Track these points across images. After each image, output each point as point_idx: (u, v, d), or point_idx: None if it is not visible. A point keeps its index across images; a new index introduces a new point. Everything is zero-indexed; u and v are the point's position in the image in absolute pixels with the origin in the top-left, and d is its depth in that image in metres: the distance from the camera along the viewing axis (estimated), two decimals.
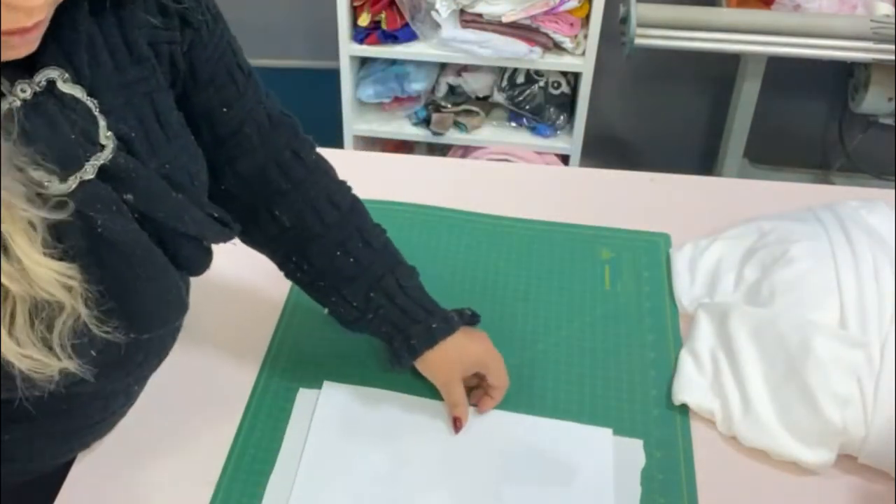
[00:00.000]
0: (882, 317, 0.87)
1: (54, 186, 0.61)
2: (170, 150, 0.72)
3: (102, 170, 0.64)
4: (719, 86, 2.35)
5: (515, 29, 2.00)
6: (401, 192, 1.18)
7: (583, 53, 2.04)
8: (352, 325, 0.91)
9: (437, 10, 1.97)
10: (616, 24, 1.95)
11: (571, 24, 2.01)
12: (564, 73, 2.17)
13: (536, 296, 1.03)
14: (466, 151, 2.28)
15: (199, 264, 0.77)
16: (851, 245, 0.94)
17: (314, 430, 0.87)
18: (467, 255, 1.09)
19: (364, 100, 2.23)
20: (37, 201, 0.60)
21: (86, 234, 0.64)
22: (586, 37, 2.01)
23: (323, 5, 2.15)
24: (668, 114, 2.46)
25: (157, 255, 0.70)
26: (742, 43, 1.87)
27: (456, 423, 0.87)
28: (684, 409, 0.89)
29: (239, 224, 0.79)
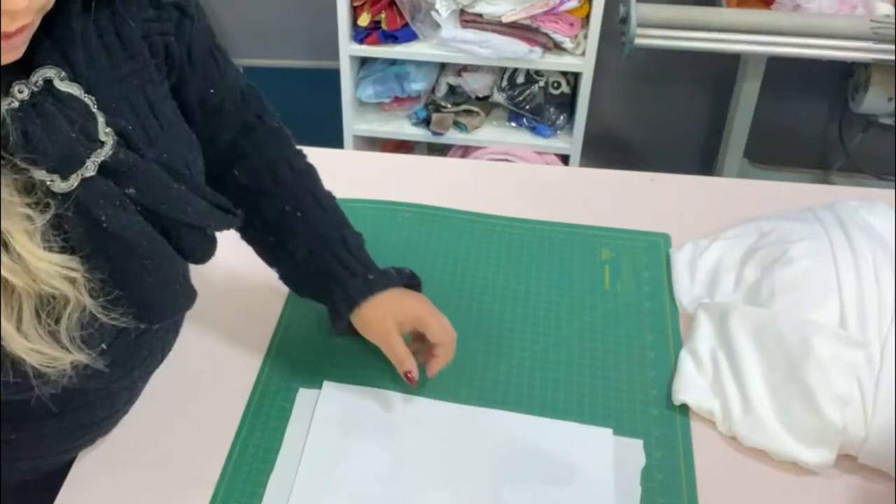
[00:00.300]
0: (882, 317, 0.87)
1: (57, 185, 0.62)
2: (165, 139, 0.72)
3: (103, 166, 0.65)
4: (719, 86, 2.35)
5: (515, 29, 2.00)
6: (401, 192, 1.18)
7: (583, 53, 2.04)
8: (297, 284, 0.92)
9: (437, 10, 1.97)
10: (616, 24, 1.95)
11: (571, 24, 2.01)
12: (564, 73, 2.17)
13: (536, 296, 1.03)
14: (466, 151, 2.28)
15: (203, 253, 0.78)
16: (851, 245, 0.94)
17: (314, 429, 0.87)
18: (467, 255, 1.09)
19: (364, 100, 2.23)
20: (40, 199, 0.60)
21: (91, 230, 0.64)
22: (586, 37, 2.01)
23: (323, 5, 2.15)
24: (668, 114, 2.46)
25: (162, 245, 0.71)
26: (742, 43, 1.87)
27: (408, 377, 0.86)
28: (684, 409, 0.89)
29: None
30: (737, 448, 0.87)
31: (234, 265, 1.00)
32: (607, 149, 2.51)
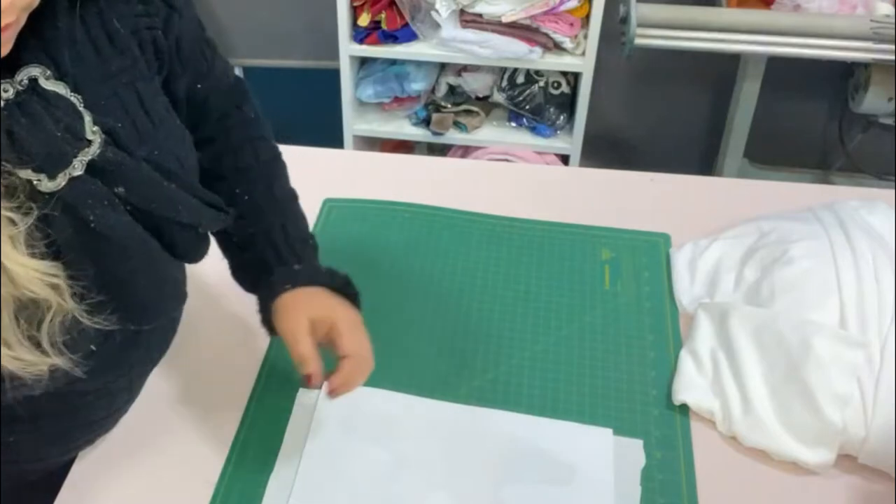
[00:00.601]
0: (882, 317, 0.87)
1: (44, 184, 0.61)
2: (157, 136, 0.71)
3: (91, 165, 0.64)
4: (719, 86, 2.35)
5: (515, 29, 2.00)
6: (401, 192, 1.18)
7: (583, 53, 2.04)
8: (239, 276, 0.87)
9: (437, 10, 1.97)
10: (616, 24, 1.95)
11: (571, 24, 2.01)
12: (564, 73, 2.17)
13: (536, 296, 1.03)
14: (466, 151, 2.28)
15: (195, 252, 0.77)
16: (851, 245, 0.94)
17: (314, 430, 0.87)
18: (467, 255, 1.09)
19: (364, 100, 2.23)
20: (23, 203, 0.59)
21: (79, 230, 0.64)
22: (586, 37, 2.01)
23: (323, 5, 2.15)
24: (668, 114, 2.46)
25: (152, 245, 0.70)
26: (742, 43, 1.87)
27: (309, 381, 0.78)
28: (684, 409, 0.89)
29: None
30: (737, 448, 0.87)
31: None
32: (607, 149, 2.51)
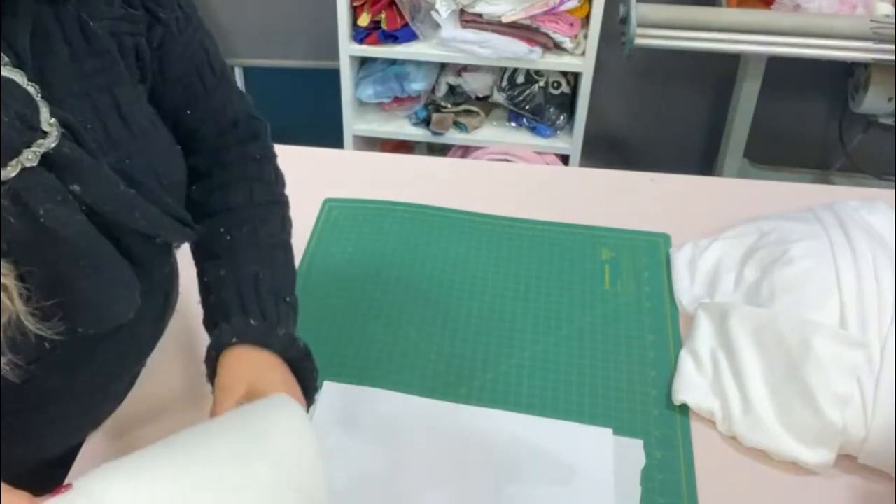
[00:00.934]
0: (882, 317, 0.87)
1: None
2: (133, 145, 0.70)
3: (46, 157, 0.63)
4: (719, 86, 2.35)
5: (515, 29, 2.00)
6: (401, 192, 1.18)
7: (583, 53, 2.04)
8: (204, 317, 0.81)
9: (437, 10, 1.97)
10: (616, 24, 1.95)
11: (571, 24, 2.01)
12: (564, 73, 2.17)
13: (536, 296, 1.03)
14: (466, 151, 2.28)
15: (153, 262, 0.75)
16: (851, 245, 0.94)
17: (314, 429, 0.87)
18: (467, 255, 1.09)
19: (364, 100, 2.23)
20: None
21: (28, 223, 0.62)
22: (586, 37, 2.01)
23: (323, 5, 2.15)
24: (668, 114, 2.46)
25: (104, 248, 0.68)
26: (742, 43, 1.87)
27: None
28: (684, 409, 0.89)
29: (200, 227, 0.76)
30: (737, 448, 0.87)
31: None
32: (607, 149, 2.51)
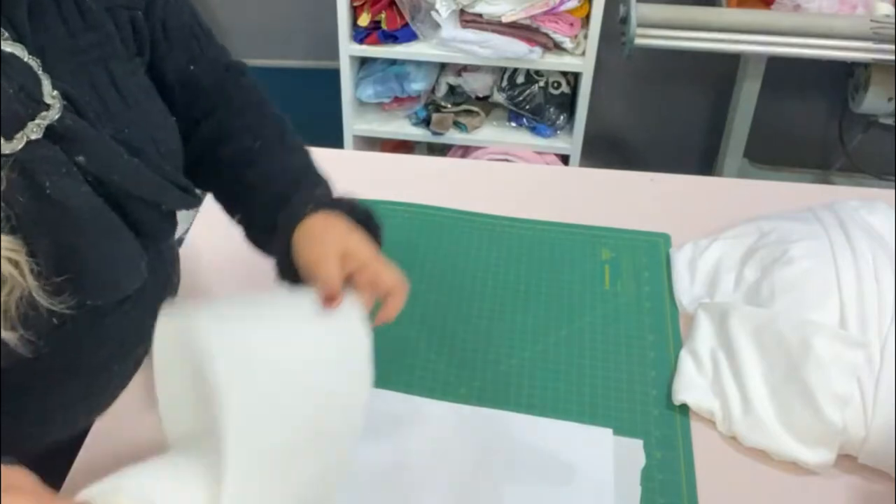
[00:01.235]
0: (882, 317, 0.87)
1: (1, 147, 0.61)
2: (129, 116, 0.71)
3: (50, 130, 0.64)
4: (719, 86, 2.35)
5: (515, 29, 2.00)
6: (401, 192, 1.18)
7: (583, 53, 2.04)
8: (254, 228, 0.81)
9: (437, 10, 1.97)
10: (616, 24, 1.95)
11: (571, 24, 2.01)
12: (564, 73, 2.17)
13: (536, 296, 1.03)
14: (466, 151, 2.28)
15: (158, 231, 0.76)
16: (851, 245, 0.94)
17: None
18: (467, 255, 1.09)
19: (364, 100, 2.23)
20: None
21: (34, 196, 0.63)
22: (586, 37, 2.01)
23: (323, 5, 2.15)
24: (668, 114, 2.46)
25: (110, 219, 0.69)
26: (742, 43, 1.87)
27: (328, 299, 0.69)
28: (684, 409, 0.89)
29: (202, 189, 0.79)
30: (737, 448, 0.87)
31: (234, 265, 1.00)
32: (607, 149, 2.52)
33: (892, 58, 1.81)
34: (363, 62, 2.25)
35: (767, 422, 0.85)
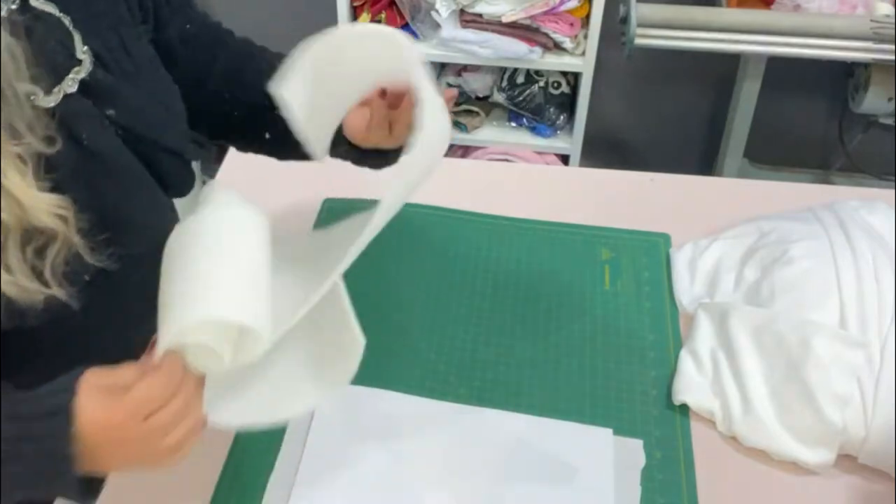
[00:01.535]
0: (882, 317, 0.87)
1: (41, 99, 0.64)
2: (140, 78, 0.75)
3: (83, 85, 0.67)
4: (719, 86, 2.34)
5: (515, 29, 2.00)
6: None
7: (583, 53, 2.04)
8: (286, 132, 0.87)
9: (437, 10, 1.97)
10: (616, 24, 1.95)
11: (571, 24, 2.01)
12: (564, 73, 2.17)
13: (536, 296, 1.03)
14: (466, 151, 2.28)
15: (181, 182, 0.80)
16: (851, 245, 0.94)
17: (314, 430, 0.87)
18: (467, 255, 1.09)
19: None
20: (27, 132, 0.62)
21: (72, 149, 0.66)
22: (586, 37, 2.01)
23: (323, 5, 2.15)
24: (668, 114, 2.46)
25: (140, 169, 0.73)
26: (742, 43, 1.87)
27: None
28: (684, 409, 0.89)
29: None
30: (737, 448, 0.87)
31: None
32: (607, 149, 2.51)
33: (892, 58, 1.81)
34: None
35: (767, 422, 0.85)
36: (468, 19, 2.00)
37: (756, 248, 1.02)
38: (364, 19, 2.06)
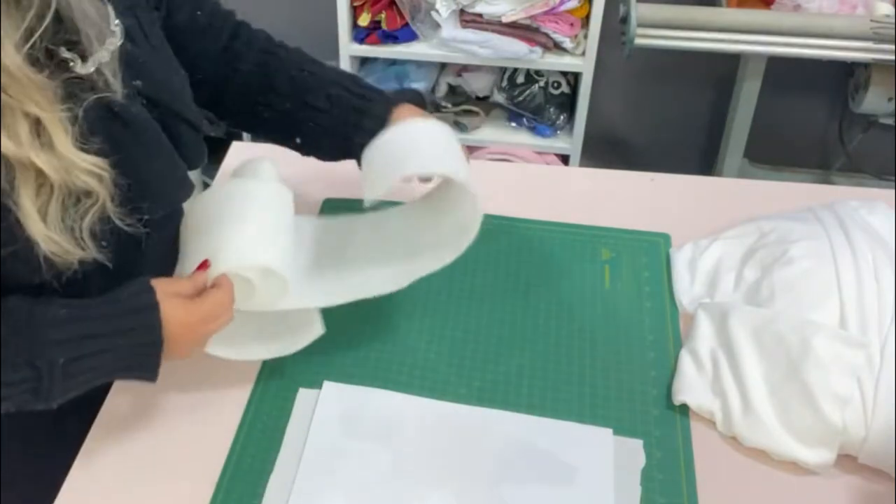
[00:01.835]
0: (882, 317, 0.87)
1: (78, 67, 0.68)
2: (155, 58, 0.80)
3: (114, 55, 0.71)
4: (719, 86, 2.35)
5: (515, 29, 2.00)
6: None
7: (583, 53, 2.04)
8: (322, 140, 0.96)
9: (437, 10, 1.97)
10: (616, 24, 1.95)
11: (571, 24, 2.01)
12: (564, 73, 2.18)
13: (536, 296, 1.03)
14: (466, 151, 2.28)
15: (197, 154, 0.85)
16: (851, 245, 0.94)
17: (314, 430, 0.87)
18: (466, 254, 1.09)
19: None
20: (73, 107, 0.66)
21: (104, 116, 0.70)
22: (586, 37, 2.01)
23: (323, 5, 2.15)
24: (668, 114, 2.46)
25: (164, 138, 0.79)
26: (742, 43, 1.87)
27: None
28: (684, 409, 0.89)
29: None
30: (737, 448, 0.87)
31: None
32: (607, 149, 2.51)
33: (892, 58, 1.81)
34: (363, 62, 2.25)
35: (767, 422, 0.85)
36: (468, 19, 2.00)
37: (756, 248, 1.02)
38: (364, 19, 2.06)
